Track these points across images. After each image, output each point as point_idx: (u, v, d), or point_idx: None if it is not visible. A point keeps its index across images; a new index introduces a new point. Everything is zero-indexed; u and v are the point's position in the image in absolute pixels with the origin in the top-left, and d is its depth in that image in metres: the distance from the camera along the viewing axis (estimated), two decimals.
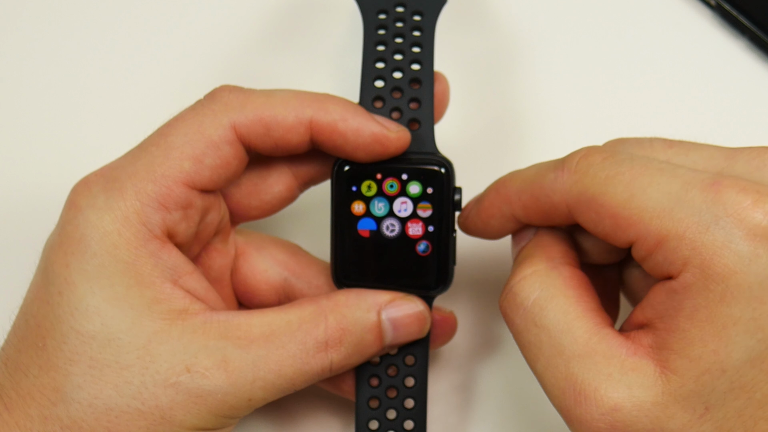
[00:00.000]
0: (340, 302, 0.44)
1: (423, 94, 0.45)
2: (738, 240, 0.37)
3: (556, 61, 0.56)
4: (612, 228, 0.39)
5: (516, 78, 0.54)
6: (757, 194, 0.37)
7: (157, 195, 0.42)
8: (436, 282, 0.45)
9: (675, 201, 0.38)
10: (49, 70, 0.54)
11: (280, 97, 0.44)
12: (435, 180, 0.44)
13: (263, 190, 0.46)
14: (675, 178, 0.38)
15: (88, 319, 0.41)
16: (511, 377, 0.52)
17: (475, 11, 0.54)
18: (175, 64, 0.54)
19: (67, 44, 0.54)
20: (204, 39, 0.54)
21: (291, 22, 0.54)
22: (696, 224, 0.37)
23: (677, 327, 0.38)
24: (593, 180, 0.40)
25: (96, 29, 0.54)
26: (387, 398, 0.46)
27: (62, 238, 0.42)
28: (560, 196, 0.41)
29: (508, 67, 0.54)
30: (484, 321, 0.52)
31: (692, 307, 0.37)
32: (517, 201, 0.43)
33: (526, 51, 0.55)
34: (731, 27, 0.57)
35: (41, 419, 0.41)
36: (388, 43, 0.46)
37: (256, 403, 0.42)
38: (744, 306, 0.36)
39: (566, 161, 0.41)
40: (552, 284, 0.41)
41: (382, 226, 0.45)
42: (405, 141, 0.44)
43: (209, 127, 0.43)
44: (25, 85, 0.54)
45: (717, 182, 0.37)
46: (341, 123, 0.43)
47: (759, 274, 0.36)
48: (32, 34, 0.55)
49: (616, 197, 0.39)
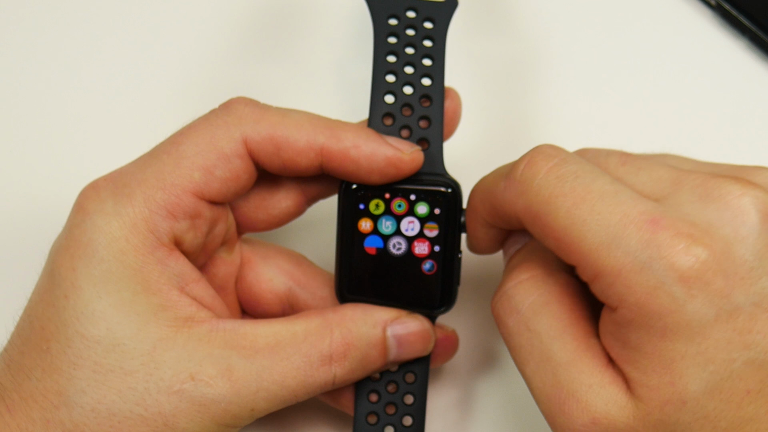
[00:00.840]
0: (346, 316, 0.44)
1: (433, 113, 0.45)
2: (671, 282, 0.37)
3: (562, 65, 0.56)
4: (556, 248, 0.40)
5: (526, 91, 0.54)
6: (690, 238, 0.37)
7: (166, 203, 0.42)
8: (440, 301, 0.45)
9: (612, 237, 0.38)
10: (55, 74, 0.54)
11: (294, 118, 0.44)
12: (442, 201, 0.45)
13: (271, 205, 0.46)
14: (616, 207, 0.39)
15: (94, 323, 0.41)
16: (510, 395, 0.52)
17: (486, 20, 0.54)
18: (180, 70, 0.54)
19: (74, 50, 0.55)
20: (208, 45, 0.54)
21: (296, 26, 0.54)
22: (631, 264, 0.38)
23: (630, 358, 0.39)
24: (537, 197, 0.40)
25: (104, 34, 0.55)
26: (385, 414, 0.46)
27: (69, 241, 0.42)
28: (509, 207, 0.41)
29: (519, 80, 0.54)
30: (484, 339, 0.52)
31: (637, 340, 0.38)
32: (482, 210, 0.44)
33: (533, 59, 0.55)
34: (731, 27, 0.57)
35: (43, 422, 0.40)
36: (399, 53, 0.46)
37: (258, 413, 0.42)
38: (687, 342, 0.37)
39: (513, 169, 0.41)
40: (548, 290, 0.42)
41: (388, 244, 0.45)
42: (418, 162, 0.44)
43: (221, 139, 0.43)
44: (31, 90, 0.54)
45: (654, 221, 0.38)
46: (353, 150, 0.43)
47: (696, 311, 0.37)
48: (39, 40, 0.55)
49: (558, 221, 0.39)
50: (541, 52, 0.57)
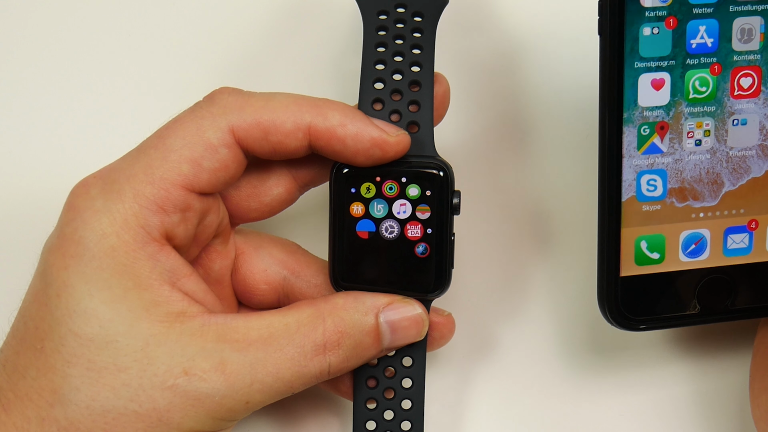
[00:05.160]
0: (338, 305, 0.44)
1: (423, 97, 0.45)
2: None
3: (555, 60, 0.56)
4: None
5: (516, 80, 0.53)
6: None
7: (156, 198, 0.42)
8: (435, 285, 0.45)
9: None
10: (46, 71, 0.54)
11: (279, 101, 0.44)
12: (433, 183, 0.44)
13: (262, 193, 0.46)
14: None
15: (86, 321, 0.41)
16: (507, 377, 0.52)
17: (476, 13, 0.54)
18: (175, 65, 0.54)
19: (66, 45, 0.54)
20: (203, 40, 0.54)
21: (291, 23, 0.54)
22: None
23: None
24: None
25: (96, 30, 0.54)
26: (384, 399, 0.47)
27: (60, 240, 0.42)
28: None
29: (509, 68, 0.54)
30: (482, 323, 0.52)
31: None
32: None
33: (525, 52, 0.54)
34: None
35: (38, 421, 0.41)
36: (388, 44, 0.46)
37: (253, 405, 0.42)
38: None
39: None
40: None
41: (381, 228, 0.45)
42: (405, 145, 0.44)
43: (207, 130, 0.43)
44: (23, 87, 0.54)
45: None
46: (340, 129, 0.43)
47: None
48: (30, 35, 0.55)
49: None
50: (540, 53, 0.56)
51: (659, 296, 0.47)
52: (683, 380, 0.52)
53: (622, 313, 0.47)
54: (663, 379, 0.52)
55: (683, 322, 0.48)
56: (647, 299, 0.47)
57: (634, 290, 0.47)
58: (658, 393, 0.52)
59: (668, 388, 0.52)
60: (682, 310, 0.47)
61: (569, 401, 0.52)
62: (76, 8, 0.55)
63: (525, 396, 0.52)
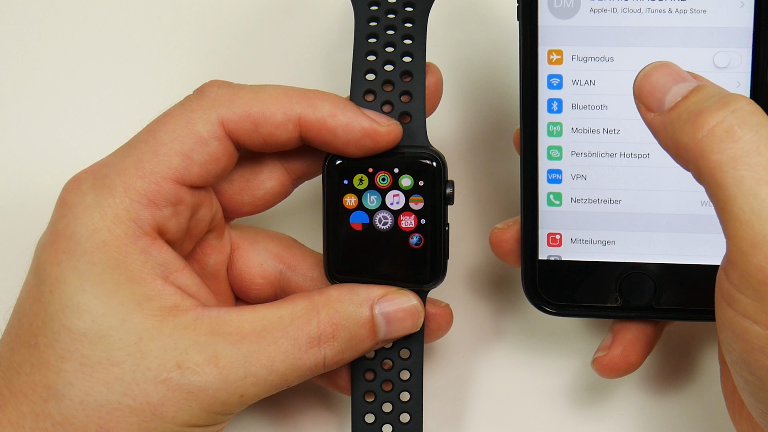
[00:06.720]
0: (332, 297, 0.44)
1: (414, 87, 0.45)
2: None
3: None
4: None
5: (509, 70, 0.53)
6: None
7: (147, 192, 0.42)
8: (430, 275, 0.45)
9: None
10: (38, 68, 0.54)
11: (268, 93, 0.43)
12: (426, 173, 0.44)
13: (255, 186, 0.46)
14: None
15: (79, 316, 0.41)
16: (507, 371, 0.52)
17: (469, 3, 0.54)
18: (166, 59, 0.54)
19: (58, 42, 0.54)
20: (195, 34, 0.54)
21: (282, 16, 0.54)
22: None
23: None
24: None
25: (88, 27, 0.54)
26: (383, 392, 0.46)
27: (53, 236, 0.42)
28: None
29: (502, 60, 0.53)
30: (480, 314, 0.52)
31: None
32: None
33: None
34: None
35: (33, 416, 0.41)
36: (379, 35, 0.45)
37: (248, 399, 0.42)
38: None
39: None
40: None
41: (374, 219, 0.45)
42: (396, 135, 0.44)
43: (197, 123, 0.43)
44: (17, 84, 0.54)
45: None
46: (330, 119, 0.43)
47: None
48: (24, 32, 0.55)
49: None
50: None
51: (579, 284, 0.47)
52: (686, 383, 0.52)
53: (540, 296, 0.47)
54: (663, 378, 0.52)
55: (603, 313, 0.48)
56: (567, 285, 0.47)
57: (553, 274, 0.47)
58: (658, 393, 0.52)
59: (668, 387, 0.52)
60: (602, 302, 0.47)
61: (569, 397, 0.52)
62: (67, 5, 0.55)
63: (525, 388, 0.52)
